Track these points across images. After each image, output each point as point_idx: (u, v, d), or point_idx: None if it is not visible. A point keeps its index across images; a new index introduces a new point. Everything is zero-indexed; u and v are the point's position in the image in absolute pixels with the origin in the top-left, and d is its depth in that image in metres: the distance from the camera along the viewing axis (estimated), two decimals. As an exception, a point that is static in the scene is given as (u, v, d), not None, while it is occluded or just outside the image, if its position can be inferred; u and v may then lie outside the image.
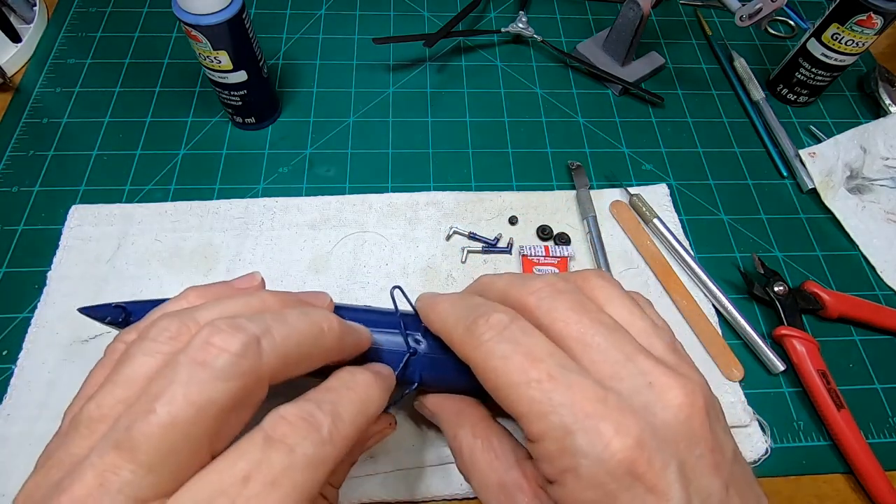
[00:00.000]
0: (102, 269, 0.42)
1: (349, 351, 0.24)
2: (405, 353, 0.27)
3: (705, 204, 0.49)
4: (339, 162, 0.50)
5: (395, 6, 0.61)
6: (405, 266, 0.44)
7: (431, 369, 0.28)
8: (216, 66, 0.44)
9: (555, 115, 0.54)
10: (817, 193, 0.50)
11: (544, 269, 0.43)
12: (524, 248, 0.44)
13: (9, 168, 0.47)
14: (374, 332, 0.27)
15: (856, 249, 0.48)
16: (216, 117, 0.51)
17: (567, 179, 0.50)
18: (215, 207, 0.45)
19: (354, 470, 0.36)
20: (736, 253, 0.47)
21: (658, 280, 0.44)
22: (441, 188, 0.48)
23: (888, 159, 0.51)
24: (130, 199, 0.46)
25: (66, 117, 0.50)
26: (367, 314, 0.29)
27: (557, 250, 0.44)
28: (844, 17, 0.49)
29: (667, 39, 0.61)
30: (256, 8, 0.60)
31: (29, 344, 0.39)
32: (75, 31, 0.56)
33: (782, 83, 0.56)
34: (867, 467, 0.37)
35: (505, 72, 0.57)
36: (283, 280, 0.43)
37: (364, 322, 0.27)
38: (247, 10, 0.42)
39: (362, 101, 0.54)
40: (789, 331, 0.41)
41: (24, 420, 0.36)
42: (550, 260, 0.43)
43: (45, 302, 0.40)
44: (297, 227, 0.45)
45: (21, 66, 0.53)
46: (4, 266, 0.42)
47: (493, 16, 0.61)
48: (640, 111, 0.55)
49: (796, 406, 0.41)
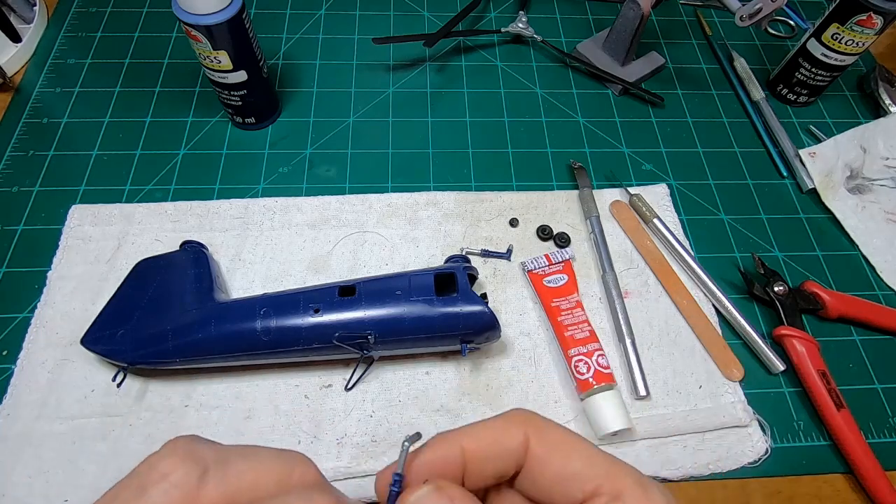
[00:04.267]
0: (102, 269, 0.42)
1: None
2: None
3: (705, 204, 0.49)
4: (339, 162, 0.50)
5: (395, 6, 0.61)
6: (405, 266, 0.44)
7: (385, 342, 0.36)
8: (216, 66, 0.44)
9: (555, 115, 0.54)
10: (817, 193, 0.50)
11: (553, 278, 0.43)
12: (527, 264, 0.44)
13: (9, 168, 0.47)
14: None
15: (856, 249, 0.48)
16: (216, 117, 0.51)
17: (567, 179, 0.50)
18: (215, 207, 0.45)
19: (357, 469, 0.36)
20: (736, 253, 0.47)
21: (658, 280, 0.44)
22: (441, 188, 0.48)
23: (888, 159, 0.51)
24: (130, 199, 0.46)
25: (66, 117, 0.50)
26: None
27: (558, 255, 0.44)
28: (844, 17, 0.49)
29: (667, 39, 0.61)
30: (256, 8, 0.60)
31: (29, 344, 0.39)
32: (75, 31, 0.56)
33: (782, 83, 0.56)
34: (867, 467, 0.37)
35: (505, 72, 0.57)
36: (283, 280, 0.43)
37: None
38: (247, 10, 0.42)
39: (362, 101, 0.54)
40: (789, 331, 0.41)
41: (24, 420, 0.36)
42: (556, 267, 0.43)
43: (45, 302, 0.40)
44: (297, 227, 0.45)
45: (21, 66, 0.53)
46: (4, 266, 0.42)
47: (493, 16, 0.61)
48: (640, 111, 0.55)
49: (796, 406, 0.41)
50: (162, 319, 0.36)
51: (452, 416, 0.38)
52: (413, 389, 0.39)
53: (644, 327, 0.42)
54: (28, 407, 0.37)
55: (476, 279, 0.42)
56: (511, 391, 0.39)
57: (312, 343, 0.35)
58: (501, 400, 0.39)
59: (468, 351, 0.37)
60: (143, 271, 0.40)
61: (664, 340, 0.42)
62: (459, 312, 0.36)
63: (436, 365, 0.40)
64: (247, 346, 0.35)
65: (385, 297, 0.36)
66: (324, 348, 0.36)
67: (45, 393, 0.37)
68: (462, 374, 0.40)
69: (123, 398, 0.38)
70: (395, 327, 0.35)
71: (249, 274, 0.43)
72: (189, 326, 0.36)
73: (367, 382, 0.39)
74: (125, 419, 0.37)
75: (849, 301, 0.43)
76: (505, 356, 0.41)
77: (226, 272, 0.43)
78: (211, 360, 0.36)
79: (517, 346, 0.41)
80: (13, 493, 0.34)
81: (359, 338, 0.35)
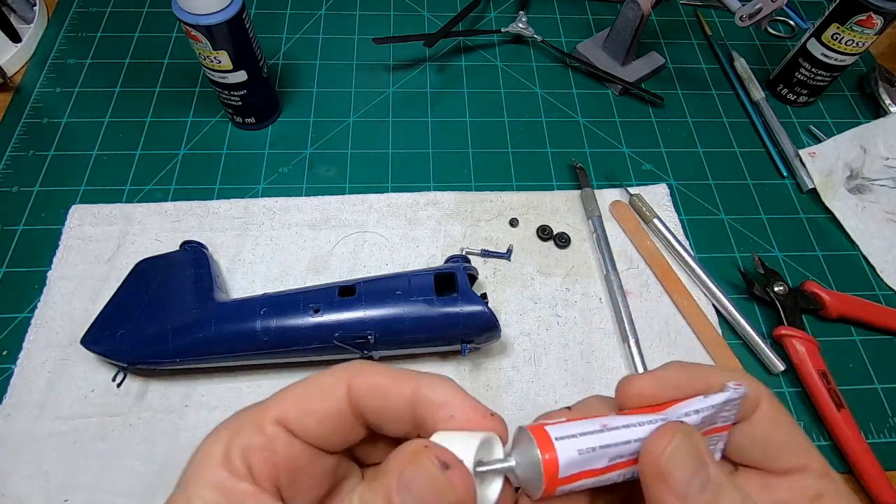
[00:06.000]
0: (102, 269, 0.42)
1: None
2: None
3: (705, 204, 0.49)
4: (339, 162, 0.49)
5: (395, 6, 0.61)
6: (405, 266, 0.44)
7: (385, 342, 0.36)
8: (216, 66, 0.44)
9: (555, 115, 0.54)
10: (817, 193, 0.50)
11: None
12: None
13: (9, 168, 0.47)
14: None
15: (856, 249, 0.48)
16: (216, 117, 0.51)
17: (567, 179, 0.50)
18: (215, 207, 0.45)
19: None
20: (736, 253, 0.47)
21: (658, 280, 0.44)
22: (441, 188, 0.48)
23: (888, 159, 0.51)
24: (130, 199, 0.46)
25: (66, 117, 0.50)
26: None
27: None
28: (844, 17, 0.49)
29: (667, 39, 0.61)
30: (256, 8, 0.60)
31: (29, 344, 0.39)
32: (75, 31, 0.56)
33: (782, 83, 0.56)
34: (867, 467, 0.37)
35: (505, 72, 0.57)
36: (283, 280, 0.43)
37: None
38: (247, 10, 0.42)
39: (362, 101, 0.54)
40: (789, 331, 0.41)
41: (24, 420, 0.36)
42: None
43: (45, 302, 0.40)
44: (297, 227, 0.45)
45: (21, 66, 0.53)
46: (4, 266, 0.42)
47: (493, 16, 0.61)
48: (640, 111, 0.55)
49: (796, 406, 0.41)
50: (162, 319, 0.36)
51: (452, 416, 0.38)
52: (413, 389, 0.39)
53: (644, 327, 0.42)
54: (28, 407, 0.37)
55: (476, 279, 0.42)
56: (511, 391, 0.39)
57: (312, 343, 0.35)
58: (501, 400, 0.39)
59: (468, 351, 0.37)
60: (143, 271, 0.40)
61: (664, 340, 0.42)
62: (459, 312, 0.36)
63: (436, 365, 0.40)
64: (247, 347, 0.35)
65: (385, 297, 0.36)
66: (324, 348, 0.36)
67: (45, 393, 0.37)
68: (462, 374, 0.40)
69: (123, 398, 0.38)
70: (395, 327, 0.35)
71: (249, 274, 0.43)
72: (189, 326, 0.36)
73: (367, 382, 0.39)
74: (125, 419, 0.37)
75: (849, 301, 0.43)
76: (505, 356, 0.41)
77: (226, 272, 0.43)
78: (211, 360, 0.36)
79: (517, 346, 0.41)
80: (13, 493, 0.34)
81: (359, 338, 0.35)
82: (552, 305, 0.43)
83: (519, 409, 0.39)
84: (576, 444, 0.17)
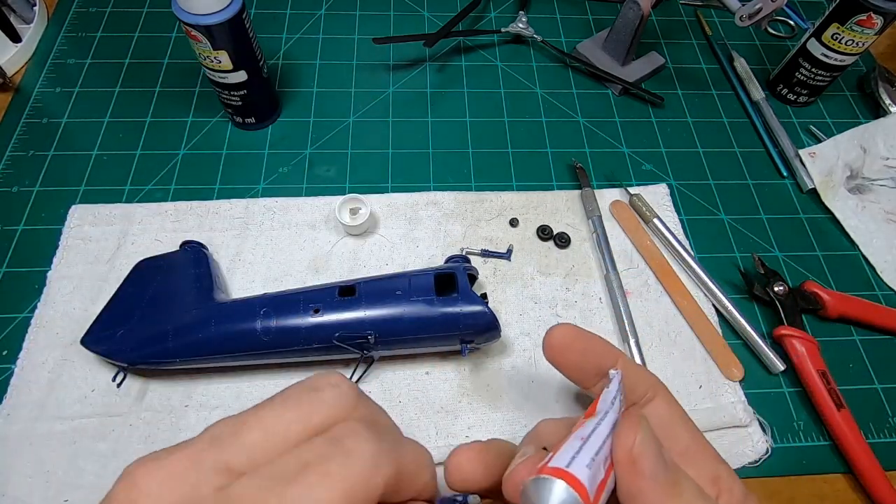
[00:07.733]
0: (102, 269, 0.42)
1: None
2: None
3: (705, 204, 0.49)
4: (339, 162, 0.49)
5: (395, 6, 0.61)
6: (405, 266, 0.44)
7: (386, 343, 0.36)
8: (216, 66, 0.44)
9: (555, 115, 0.54)
10: (817, 193, 0.50)
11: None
12: None
13: (9, 168, 0.47)
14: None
15: (856, 249, 0.48)
16: (216, 117, 0.51)
17: (567, 179, 0.50)
18: (215, 207, 0.45)
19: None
20: (736, 253, 0.47)
21: (658, 280, 0.44)
22: (441, 188, 0.48)
23: (888, 159, 0.51)
24: (130, 199, 0.46)
25: (66, 117, 0.50)
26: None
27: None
28: (844, 17, 0.49)
29: (667, 39, 0.61)
30: (256, 8, 0.60)
31: (29, 344, 0.39)
32: (75, 31, 0.56)
33: (782, 83, 0.56)
34: (867, 467, 0.37)
35: (505, 72, 0.57)
36: (283, 280, 0.43)
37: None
38: (247, 10, 0.42)
39: (362, 101, 0.54)
40: (789, 331, 0.41)
41: (24, 420, 0.36)
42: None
43: (45, 302, 0.40)
44: (297, 227, 0.45)
45: (21, 66, 0.53)
46: (4, 266, 0.42)
47: (493, 16, 0.61)
48: (640, 111, 0.55)
49: (796, 406, 0.41)
50: (162, 319, 0.36)
51: (452, 416, 0.38)
52: (413, 390, 0.39)
53: (644, 327, 0.42)
54: (28, 407, 0.37)
55: (476, 279, 0.42)
56: (511, 391, 0.39)
57: (312, 343, 0.35)
58: (501, 400, 0.39)
59: (468, 351, 0.37)
60: (143, 271, 0.40)
61: (664, 340, 0.42)
62: (459, 312, 0.36)
63: (436, 365, 0.40)
64: (247, 346, 0.35)
65: (385, 297, 0.36)
66: (324, 348, 0.36)
67: (45, 393, 0.37)
68: (462, 374, 0.40)
69: (123, 398, 0.38)
70: (396, 327, 0.35)
71: (249, 274, 0.43)
72: (189, 326, 0.36)
73: (368, 383, 0.39)
74: (125, 419, 0.37)
75: (849, 301, 0.43)
76: (505, 356, 0.41)
77: (226, 272, 0.43)
78: (211, 360, 0.36)
79: (517, 346, 0.41)
80: (13, 493, 0.34)
81: (359, 338, 0.35)
82: (552, 305, 0.43)
83: (519, 409, 0.39)
84: (581, 461, 0.19)
